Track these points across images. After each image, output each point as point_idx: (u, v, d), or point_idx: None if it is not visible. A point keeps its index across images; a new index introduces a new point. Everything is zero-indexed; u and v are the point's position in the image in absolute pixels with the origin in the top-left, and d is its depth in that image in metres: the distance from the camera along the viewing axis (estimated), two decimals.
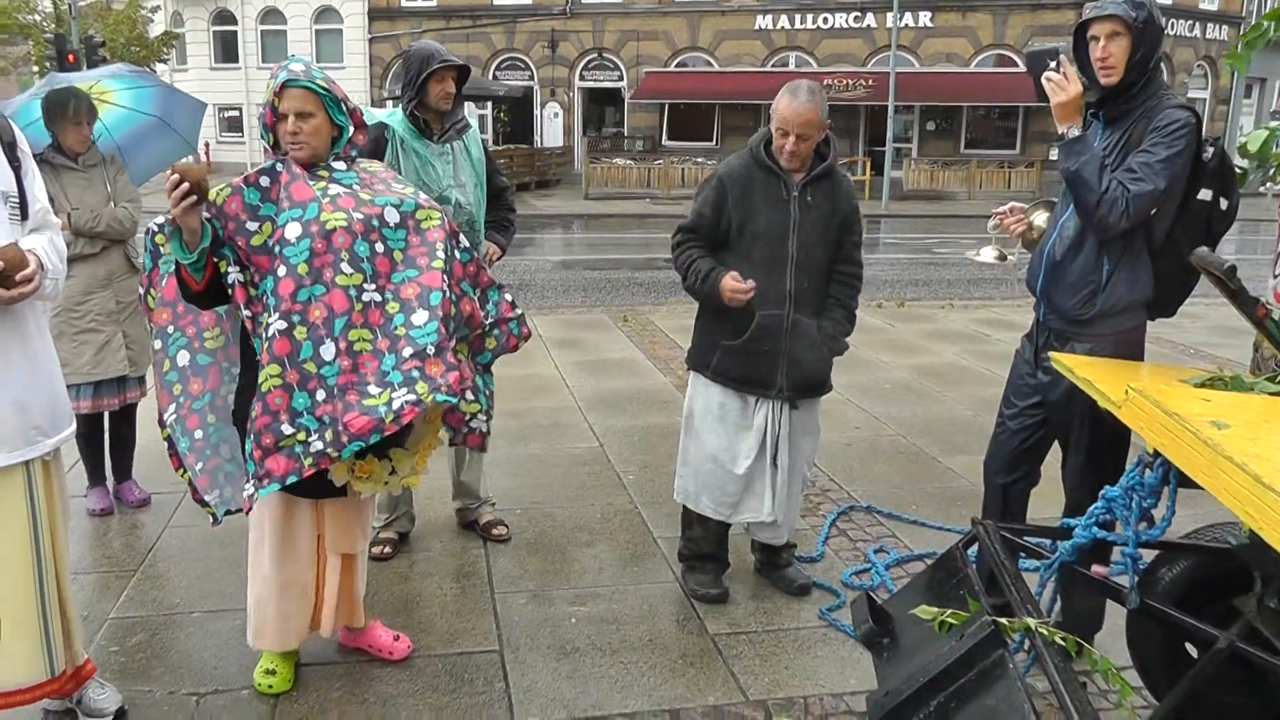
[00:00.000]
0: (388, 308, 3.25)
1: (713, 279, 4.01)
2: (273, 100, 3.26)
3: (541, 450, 6.35)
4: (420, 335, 3.21)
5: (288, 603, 3.57)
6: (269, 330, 3.10)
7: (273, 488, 3.13)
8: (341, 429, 3.10)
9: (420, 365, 3.18)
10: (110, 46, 28.45)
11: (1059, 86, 3.49)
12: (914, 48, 33.75)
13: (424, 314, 3.25)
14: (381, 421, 3.10)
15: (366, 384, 3.16)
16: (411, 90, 4.41)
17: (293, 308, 3.11)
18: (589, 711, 3.55)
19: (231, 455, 3.58)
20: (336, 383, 3.13)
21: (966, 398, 7.74)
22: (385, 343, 3.22)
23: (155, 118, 5.50)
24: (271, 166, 3.22)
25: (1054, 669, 2.48)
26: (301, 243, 3.14)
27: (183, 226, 3.08)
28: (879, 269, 16.41)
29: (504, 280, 5.27)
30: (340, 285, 3.15)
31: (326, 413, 3.12)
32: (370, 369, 3.18)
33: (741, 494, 4.22)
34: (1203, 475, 2.41)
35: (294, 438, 3.11)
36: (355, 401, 3.13)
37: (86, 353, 4.87)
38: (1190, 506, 3.67)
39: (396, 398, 3.13)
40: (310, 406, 3.11)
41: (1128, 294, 3.60)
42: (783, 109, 3.94)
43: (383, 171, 3.54)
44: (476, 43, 36.94)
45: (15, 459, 2.99)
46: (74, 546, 4.58)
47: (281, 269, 3.13)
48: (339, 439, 3.10)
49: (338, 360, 3.14)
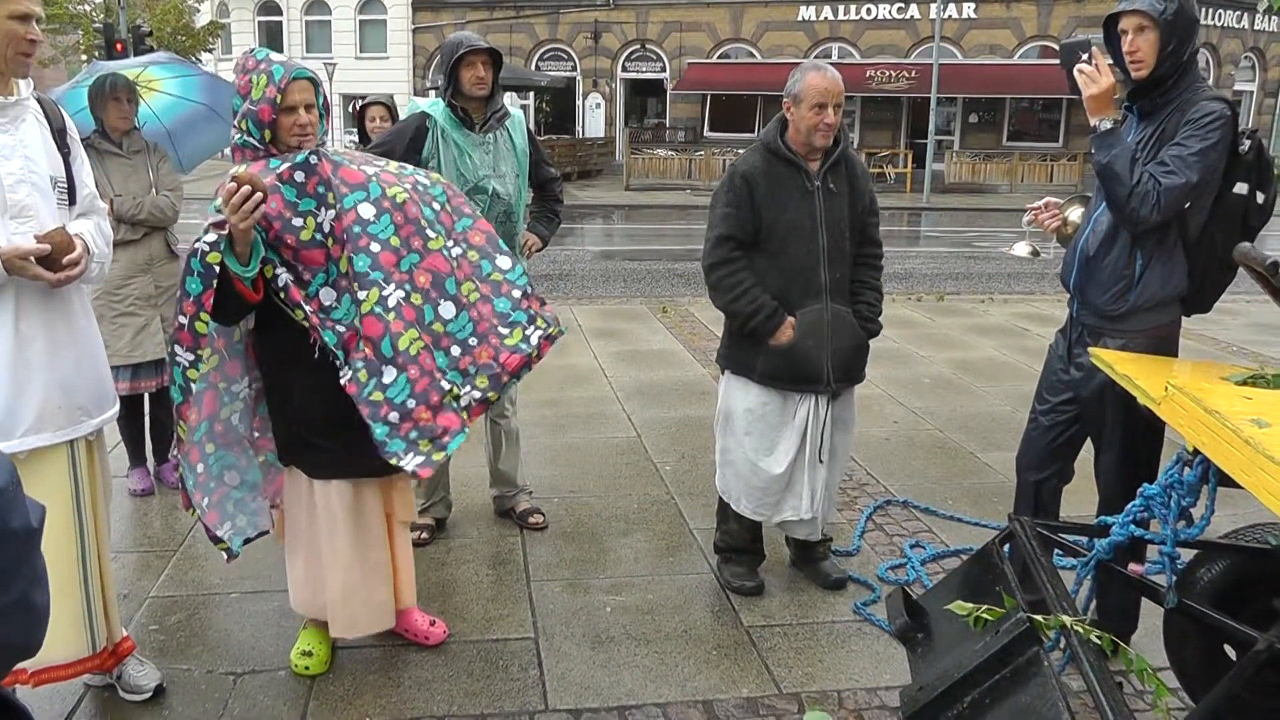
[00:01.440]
0: (470, 256, 3.49)
1: (776, 322, 4.00)
2: (274, 96, 3.15)
3: (579, 440, 6.37)
4: (517, 277, 3.55)
5: (377, 586, 3.59)
6: (390, 301, 3.19)
7: (458, 440, 3.29)
8: (500, 369, 3.38)
9: (530, 304, 3.54)
10: (157, 36, 28.78)
11: (1091, 79, 3.46)
12: (957, 39, 33.48)
13: (507, 259, 3.57)
14: (529, 357, 3.45)
15: (497, 327, 3.44)
16: (445, 79, 4.45)
17: (402, 277, 3.24)
18: (622, 700, 3.57)
19: (240, 480, 3.56)
20: (475, 331, 3.37)
21: (1005, 393, 7.68)
22: (487, 288, 3.48)
23: (204, 105, 5.57)
24: (305, 160, 3.17)
25: (1089, 668, 2.47)
26: (383, 219, 3.21)
27: (238, 239, 3.04)
28: (918, 262, 16.31)
29: (544, 270, 5.33)
30: (434, 249, 3.33)
31: (468, 364, 3.35)
32: (489, 312, 3.45)
33: (783, 493, 4.20)
34: (1242, 474, 2.39)
35: (450, 393, 3.29)
36: (499, 344, 3.41)
37: (125, 335, 4.97)
38: (1229, 506, 3.64)
39: (530, 334, 3.47)
40: (450, 363, 3.33)
41: (1161, 289, 3.56)
42: (818, 82, 3.92)
43: (359, 153, 3.56)
44: (520, 33, 37.01)
45: (60, 439, 3.07)
46: (115, 526, 4.67)
47: (374, 245, 3.19)
48: (498, 380, 3.39)
49: (464, 313, 3.36)
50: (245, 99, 3.20)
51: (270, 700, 3.52)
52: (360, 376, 3.17)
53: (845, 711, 3.55)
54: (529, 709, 3.51)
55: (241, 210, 2.96)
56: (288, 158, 3.18)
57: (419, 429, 3.21)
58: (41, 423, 3.01)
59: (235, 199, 2.95)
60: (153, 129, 5.38)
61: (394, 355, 3.17)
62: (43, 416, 3.01)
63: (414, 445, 3.21)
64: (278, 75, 3.16)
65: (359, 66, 36.83)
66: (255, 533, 3.63)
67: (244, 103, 3.20)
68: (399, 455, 3.19)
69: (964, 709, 2.58)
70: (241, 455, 3.56)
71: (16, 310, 2.94)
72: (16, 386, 2.95)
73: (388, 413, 3.17)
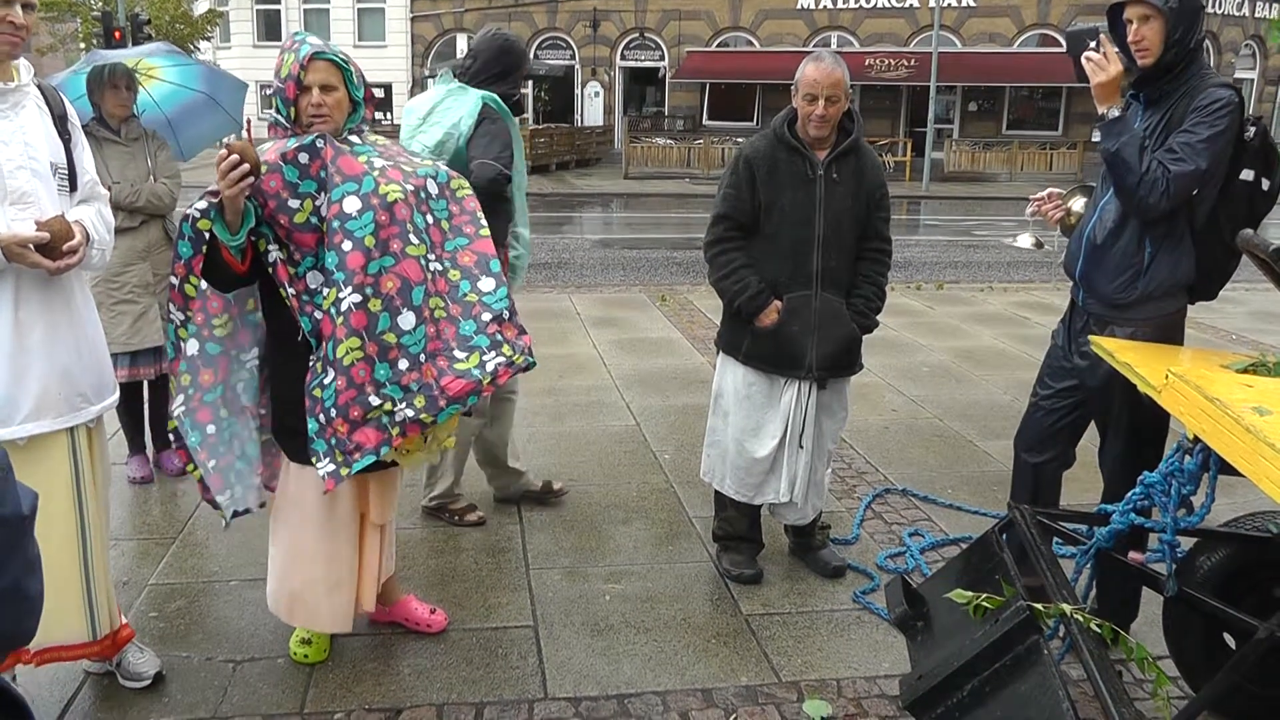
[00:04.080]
0: (450, 275, 3.36)
1: (760, 303, 4.02)
2: (297, 73, 3.17)
3: (578, 428, 6.37)
4: (494, 301, 3.37)
5: (337, 584, 3.55)
6: (342, 305, 3.10)
7: (367, 460, 3.18)
8: (438, 393, 3.21)
9: (499, 330, 3.35)
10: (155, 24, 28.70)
11: (1098, 66, 3.44)
12: (956, 27, 33.42)
13: (491, 281, 3.40)
14: (479, 383, 3.26)
15: (452, 349, 3.28)
16: (507, 75, 4.55)
17: (365, 280, 3.13)
18: (621, 689, 3.57)
19: (242, 452, 3.54)
20: (425, 349, 3.21)
21: (1005, 381, 7.68)
22: (457, 309, 3.33)
23: (204, 94, 5.56)
24: (311, 143, 3.15)
25: (1089, 656, 2.48)
26: (364, 216, 3.13)
27: (228, 208, 3.04)
28: (918, 250, 16.30)
29: (544, 259, 5.32)
30: (411, 255, 3.21)
31: (413, 380, 3.19)
32: (450, 334, 3.30)
33: (765, 475, 4.23)
34: (1243, 462, 2.39)
35: (381, 408, 3.17)
36: (446, 366, 3.24)
37: (124, 323, 4.96)
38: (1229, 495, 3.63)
39: (488, 360, 3.29)
40: (393, 376, 3.18)
41: (1169, 277, 3.55)
42: (810, 73, 3.91)
43: (393, 145, 3.53)
44: (518, 21, 36.92)
45: (60, 425, 3.07)
46: (114, 513, 4.67)
47: (347, 243, 3.12)
48: (434, 403, 3.20)
49: (421, 328, 3.21)
50: (276, 77, 3.22)
51: (269, 688, 3.51)
52: (316, 367, 3.19)
53: (844, 700, 3.55)
54: (528, 697, 3.51)
55: (229, 178, 2.95)
56: (301, 138, 3.18)
57: (336, 439, 3.17)
58: (41, 409, 3.00)
59: (224, 166, 2.95)
60: (152, 116, 5.36)
61: (333, 360, 3.13)
62: (42, 403, 3.00)
63: (332, 451, 3.18)
64: (302, 53, 3.17)
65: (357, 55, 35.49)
66: (243, 508, 3.58)
67: (276, 80, 3.22)
68: (318, 455, 3.18)
69: (963, 697, 2.58)
70: (244, 426, 3.54)
71: (16, 297, 2.94)
72: (16, 373, 2.95)
73: (319, 411, 3.18)
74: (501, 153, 4.30)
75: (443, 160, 4.07)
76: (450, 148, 4.36)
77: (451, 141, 4.38)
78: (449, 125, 4.39)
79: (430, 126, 4.46)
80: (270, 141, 3.23)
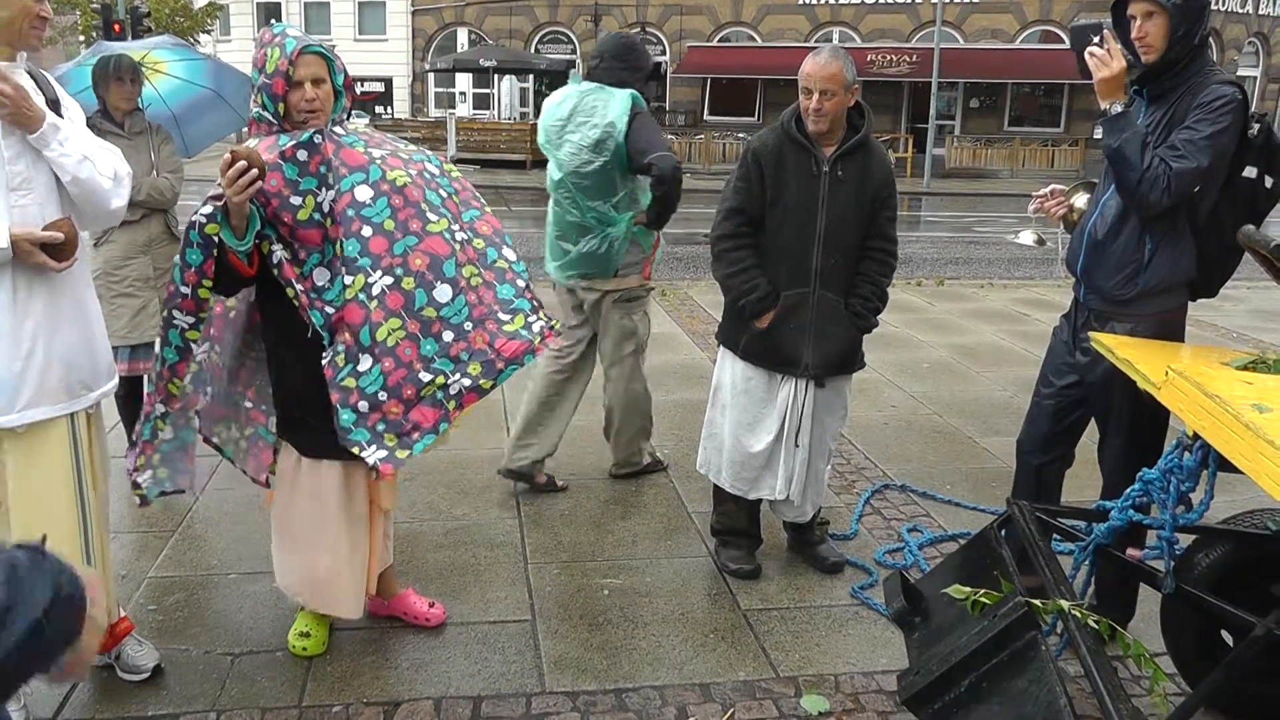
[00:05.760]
0: (475, 244, 3.42)
1: (766, 306, 4.02)
2: (286, 69, 3.12)
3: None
4: (521, 269, 3.51)
5: (357, 569, 3.57)
6: (374, 289, 3.14)
7: (427, 441, 3.22)
8: (494, 355, 3.28)
9: (531, 296, 3.47)
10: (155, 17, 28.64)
11: (1102, 62, 3.43)
12: (958, 23, 33.40)
13: (512, 252, 3.52)
14: (531, 344, 3.36)
15: (496, 312, 3.35)
16: (639, 72, 4.85)
17: (393, 261, 3.17)
18: (619, 683, 3.57)
19: (173, 435, 3.51)
20: (470, 316, 3.27)
21: (1004, 378, 7.68)
22: (491, 275, 3.41)
23: (210, 89, 5.55)
24: (309, 140, 3.11)
25: (1086, 652, 2.48)
26: (378, 202, 3.17)
27: (233, 213, 3.02)
28: (919, 247, 16.29)
29: (542, 254, 5.30)
30: (434, 231, 3.26)
31: (461, 350, 3.25)
32: (490, 298, 3.37)
33: (760, 470, 4.22)
34: (1243, 459, 2.39)
35: (434, 384, 3.21)
36: (496, 330, 3.32)
37: (124, 316, 4.96)
38: (1228, 492, 3.63)
39: (533, 322, 3.40)
40: (440, 350, 3.22)
41: (1170, 274, 3.55)
42: (805, 66, 3.90)
43: (376, 133, 3.52)
44: (520, 16, 36.92)
45: (59, 411, 3.06)
46: (114, 506, 4.66)
47: (366, 229, 3.15)
48: (492, 367, 3.27)
49: (460, 297, 3.26)
50: (260, 72, 3.17)
51: (268, 681, 3.51)
52: (338, 360, 3.16)
53: (842, 695, 3.55)
54: (526, 691, 3.51)
55: (237, 185, 2.93)
56: (295, 135, 3.14)
57: (386, 422, 3.17)
58: (41, 396, 2.99)
59: (231, 173, 2.92)
60: (157, 111, 5.35)
61: (371, 345, 3.14)
62: (42, 389, 2.99)
63: (379, 438, 3.17)
64: (289, 48, 3.13)
65: (358, 48, 36.73)
66: (173, 489, 3.54)
67: (260, 76, 3.18)
68: (362, 445, 3.16)
69: (961, 693, 2.59)
70: (180, 415, 3.51)
71: (16, 282, 2.93)
72: (17, 359, 2.94)
73: (356, 401, 3.15)
74: (666, 142, 4.56)
75: (603, 156, 4.60)
76: (610, 145, 4.62)
77: (610, 139, 4.62)
78: (604, 123, 4.63)
79: (580, 126, 4.70)
80: (255, 138, 3.19)
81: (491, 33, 37.57)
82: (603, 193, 4.77)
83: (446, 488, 5.21)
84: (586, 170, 4.71)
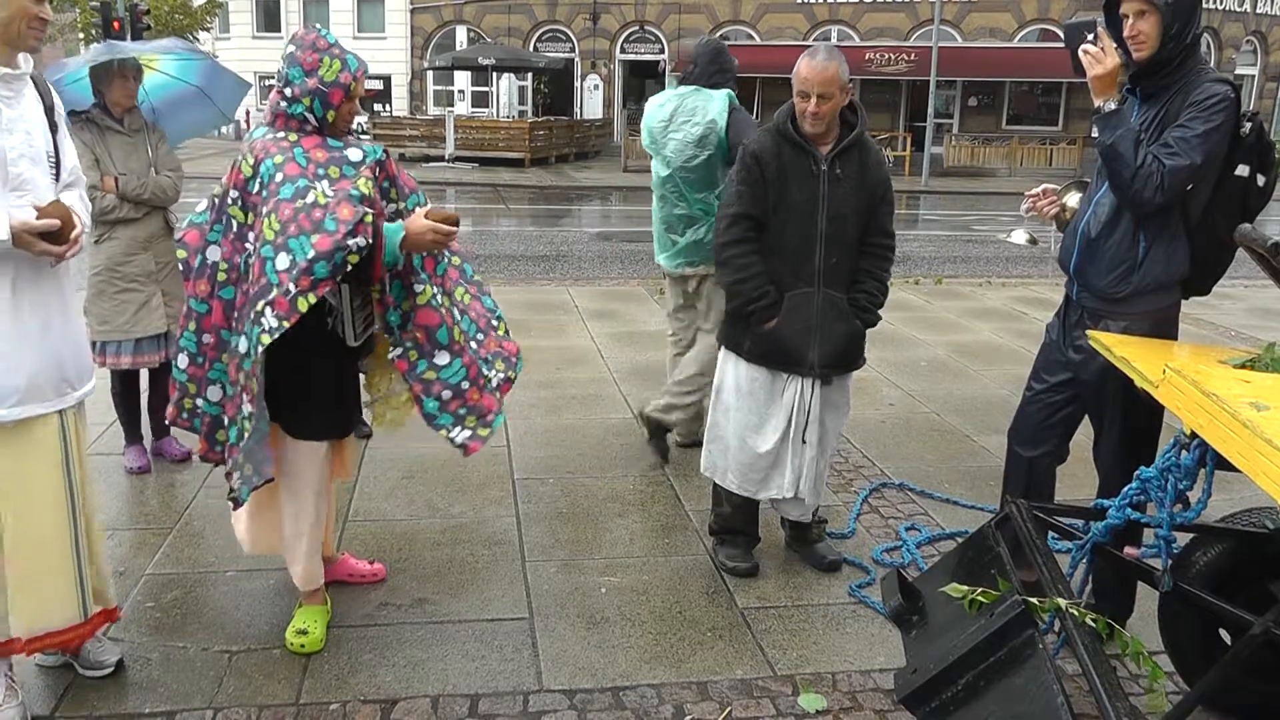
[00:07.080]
0: (453, 260, 3.78)
1: (774, 313, 4.02)
2: (349, 83, 3.31)
3: (575, 420, 6.37)
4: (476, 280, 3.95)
5: (317, 542, 3.77)
6: (436, 299, 3.51)
7: (499, 421, 3.68)
8: (505, 352, 3.81)
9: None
10: (154, 14, 28.65)
11: (1096, 59, 3.44)
12: (957, 22, 33.41)
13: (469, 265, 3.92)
14: (518, 346, 3.92)
15: (490, 321, 3.85)
16: (729, 73, 5.29)
17: (441, 281, 3.59)
18: (616, 681, 3.57)
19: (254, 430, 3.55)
20: (480, 327, 3.76)
21: (1002, 376, 7.68)
22: (474, 288, 3.86)
23: (195, 88, 5.53)
24: (382, 156, 3.44)
25: (1084, 650, 2.48)
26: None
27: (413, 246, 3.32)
28: (917, 245, 16.29)
29: (542, 251, 5.34)
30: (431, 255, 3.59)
31: (489, 351, 3.74)
32: (481, 309, 3.84)
33: (768, 470, 4.21)
34: (1240, 457, 2.39)
35: (488, 377, 3.67)
36: (498, 335, 3.85)
37: (127, 311, 5.00)
38: (1226, 490, 3.64)
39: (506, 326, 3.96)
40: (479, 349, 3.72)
41: (1164, 272, 3.55)
42: (802, 69, 3.90)
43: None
44: (518, 14, 36.91)
45: (49, 408, 3.13)
46: (112, 503, 4.69)
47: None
48: (510, 363, 3.82)
49: (468, 313, 3.74)
50: (311, 75, 3.28)
51: (265, 678, 3.51)
52: (410, 356, 3.50)
53: (839, 693, 3.55)
54: (523, 689, 3.51)
55: (448, 238, 3.35)
56: (356, 144, 3.39)
57: (468, 407, 3.57)
58: (31, 394, 3.05)
59: (447, 230, 3.33)
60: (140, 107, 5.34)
61: (449, 343, 3.51)
62: (33, 388, 3.05)
63: (461, 420, 3.57)
64: (353, 65, 3.34)
65: (357, 46, 36.21)
66: (260, 481, 3.47)
67: (308, 78, 3.28)
68: (448, 429, 3.55)
69: (958, 691, 2.58)
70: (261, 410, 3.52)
71: (13, 282, 2.97)
72: (10, 358, 2.98)
73: (440, 390, 3.52)
74: None
75: (707, 151, 5.14)
76: (712, 140, 5.14)
77: (713, 134, 5.14)
78: (706, 121, 5.15)
79: (683, 125, 5.21)
80: (268, 131, 3.35)
81: (490, 31, 37.56)
82: (707, 184, 5.26)
83: (445, 485, 5.21)
84: (692, 164, 5.21)
